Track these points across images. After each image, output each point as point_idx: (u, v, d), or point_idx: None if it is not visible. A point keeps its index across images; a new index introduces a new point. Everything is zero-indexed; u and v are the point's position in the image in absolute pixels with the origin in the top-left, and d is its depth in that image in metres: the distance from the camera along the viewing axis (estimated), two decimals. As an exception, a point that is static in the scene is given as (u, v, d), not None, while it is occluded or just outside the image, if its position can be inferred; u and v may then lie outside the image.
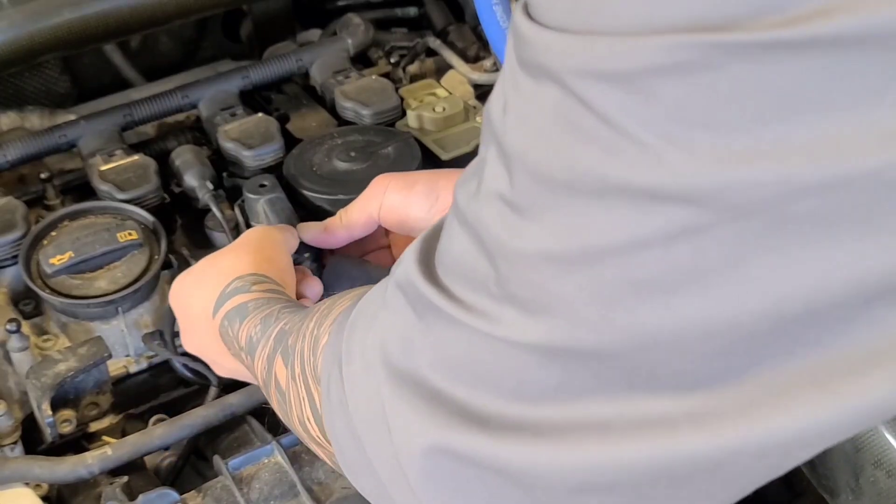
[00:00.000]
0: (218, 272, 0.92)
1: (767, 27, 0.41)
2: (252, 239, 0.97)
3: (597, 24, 0.45)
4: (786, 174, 0.43)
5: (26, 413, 1.04)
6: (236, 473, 0.98)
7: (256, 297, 0.87)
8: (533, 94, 0.49)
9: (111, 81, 1.45)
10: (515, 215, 0.50)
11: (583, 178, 0.47)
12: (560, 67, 0.47)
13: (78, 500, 1.00)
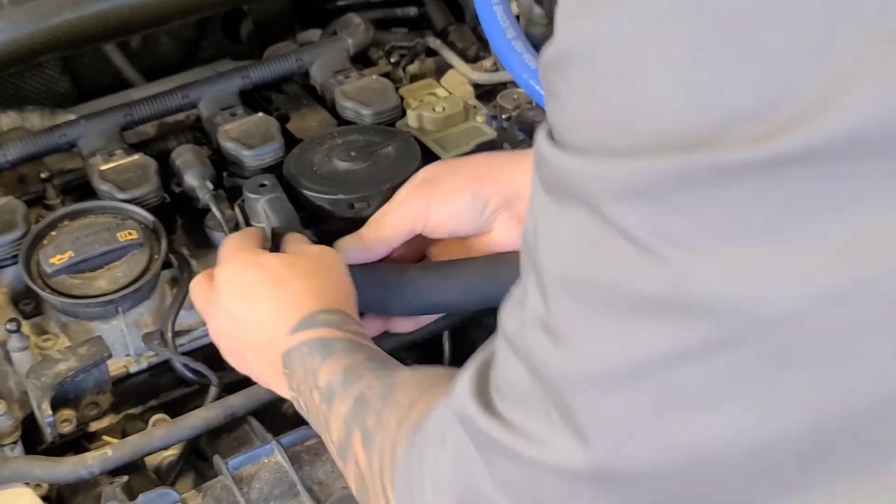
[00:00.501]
0: (298, 291, 0.92)
1: (774, 140, 0.43)
2: (323, 264, 0.96)
3: (617, 141, 0.48)
4: (811, 283, 0.44)
5: (26, 413, 1.04)
6: (236, 473, 0.98)
7: (344, 337, 0.87)
8: (562, 218, 0.51)
9: (111, 81, 1.45)
10: (559, 341, 0.53)
11: (617, 296, 0.49)
12: (584, 190, 0.49)
13: (78, 500, 1.00)
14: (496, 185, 1.01)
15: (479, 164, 1.05)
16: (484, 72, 1.35)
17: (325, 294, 0.92)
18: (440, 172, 1.04)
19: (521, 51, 1.27)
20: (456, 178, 1.03)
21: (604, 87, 0.48)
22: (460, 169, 1.04)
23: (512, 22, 1.28)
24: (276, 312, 0.91)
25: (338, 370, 0.84)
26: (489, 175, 1.02)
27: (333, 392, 0.83)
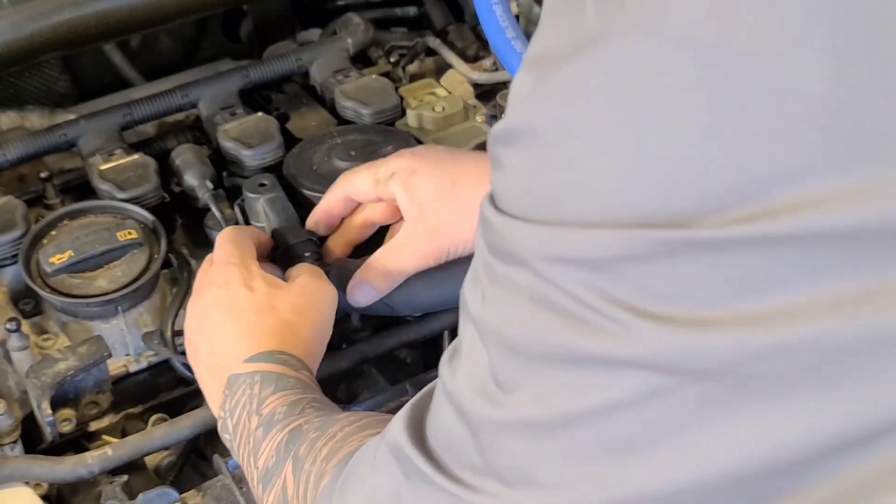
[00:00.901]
0: (272, 326, 0.93)
1: (712, 226, 0.46)
2: (312, 304, 0.96)
3: (558, 215, 0.50)
4: (741, 340, 0.47)
5: (26, 412, 1.04)
6: (236, 472, 0.98)
7: (298, 378, 0.89)
8: (506, 279, 0.53)
9: (111, 81, 1.45)
10: (494, 388, 0.54)
11: (556, 349, 0.51)
12: (528, 254, 0.51)
13: (78, 500, 1.00)
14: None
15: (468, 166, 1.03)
16: (483, 71, 1.35)
17: (295, 339, 0.93)
18: (440, 195, 1.01)
19: (521, 51, 1.27)
20: (464, 194, 1.00)
21: (548, 167, 0.50)
22: (462, 189, 1.01)
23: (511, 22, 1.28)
24: (242, 338, 0.93)
25: (283, 403, 0.86)
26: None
27: (273, 421, 0.85)
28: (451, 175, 1.00)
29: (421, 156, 1.03)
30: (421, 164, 1.01)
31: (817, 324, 0.46)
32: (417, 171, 1.01)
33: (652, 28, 0.46)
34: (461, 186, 0.99)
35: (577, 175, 0.49)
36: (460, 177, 1.00)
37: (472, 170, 1.00)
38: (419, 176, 1.00)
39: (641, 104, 0.47)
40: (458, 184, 0.99)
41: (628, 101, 0.47)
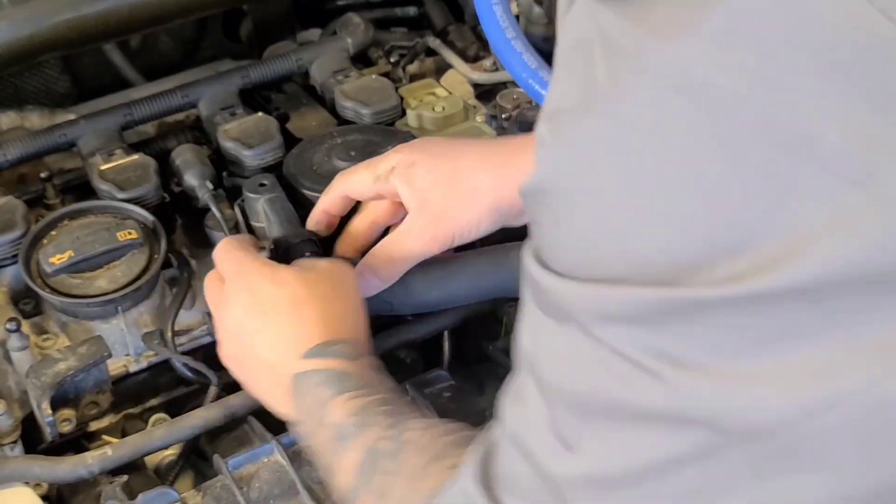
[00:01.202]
0: (315, 316, 0.92)
1: (742, 279, 0.47)
2: (340, 285, 0.96)
3: (595, 272, 0.51)
4: (792, 396, 0.48)
5: (26, 412, 1.04)
6: (236, 472, 0.98)
7: (357, 371, 0.88)
8: (557, 335, 0.55)
9: (111, 81, 1.45)
10: (559, 444, 0.56)
11: (614, 407, 0.53)
12: (574, 312, 0.53)
13: (78, 500, 1.00)
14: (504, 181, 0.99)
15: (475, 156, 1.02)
16: (483, 71, 1.35)
17: (340, 320, 0.92)
18: (437, 184, 1.01)
19: (521, 51, 1.27)
20: (467, 186, 1.00)
21: (578, 225, 0.52)
22: (464, 177, 1.01)
23: (511, 22, 1.28)
24: (290, 335, 0.91)
25: (349, 411, 0.85)
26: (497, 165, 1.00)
27: (345, 435, 0.84)
28: (451, 161, 1.00)
29: (419, 148, 1.03)
30: (420, 156, 1.01)
31: (861, 376, 0.47)
32: (417, 162, 1.00)
33: (665, 83, 0.47)
34: (462, 171, 0.99)
35: (607, 232, 0.51)
36: (461, 162, 0.99)
37: (472, 154, 1.00)
38: (419, 167, 1.00)
39: (659, 158, 0.48)
40: (460, 169, 0.99)
41: (644, 155, 0.48)
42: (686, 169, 0.47)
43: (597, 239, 0.51)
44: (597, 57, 0.50)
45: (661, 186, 0.48)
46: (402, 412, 0.85)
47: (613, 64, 0.49)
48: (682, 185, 0.48)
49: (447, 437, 0.81)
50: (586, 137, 0.50)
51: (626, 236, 0.50)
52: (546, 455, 0.58)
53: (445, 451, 0.78)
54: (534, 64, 1.26)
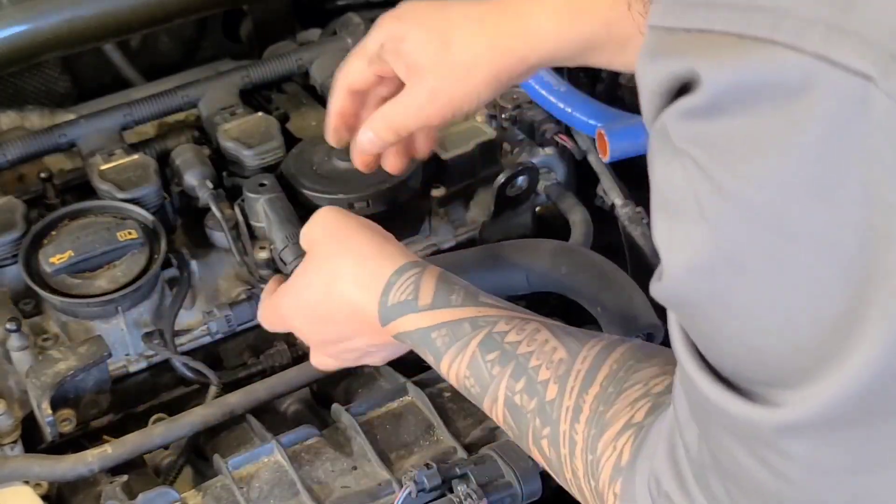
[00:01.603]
0: (369, 262, 0.90)
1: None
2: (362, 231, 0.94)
3: (752, 377, 0.55)
4: None
5: (26, 412, 1.04)
6: (236, 472, 0.98)
7: (441, 317, 0.86)
8: (726, 449, 0.58)
9: (111, 81, 1.45)
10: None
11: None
12: (745, 431, 0.56)
13: (78, 499, 1.00)
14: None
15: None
16: (484, 71, 1.35)
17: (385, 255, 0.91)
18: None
19: (521, 50, 1.27)
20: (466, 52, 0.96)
21: (722, 322, 0.55)
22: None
23: (511, 22, 1.28)
24: (366, 297, 0.89)
25: (462, 374, 0.84)
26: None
27: (473, 395, 0.84)
28: (442, 33, 0.96)
29: (405, 18, 0.99)
30: (408, 28, 0.98)
31: None
32: (406, 36, 0.97)
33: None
34: (454, 44, 0.96)
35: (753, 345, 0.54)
36: (452, 33, 0.96)
37: (461, 23, 0.97)
38: (409, 41, 0.97)
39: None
40: (451, 41, 0.96)
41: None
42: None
43: (745, 351, 0.55)
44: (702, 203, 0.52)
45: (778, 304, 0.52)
46: (508, 347, 0.82)
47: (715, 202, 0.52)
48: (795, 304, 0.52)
49: (581, 365, 0.79)
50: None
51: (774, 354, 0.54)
52: None
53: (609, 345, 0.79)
54: (534, 64, 1.26)
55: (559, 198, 1.25)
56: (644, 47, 0.54)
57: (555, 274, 1.08)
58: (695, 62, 0.50)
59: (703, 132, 0.51)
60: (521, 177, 1.21)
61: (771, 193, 0.49)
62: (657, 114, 0.54)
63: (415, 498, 0.93)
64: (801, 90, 0.47)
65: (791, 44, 0.47)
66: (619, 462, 0.72)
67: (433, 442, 1.02)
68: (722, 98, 0.50)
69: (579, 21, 0.93)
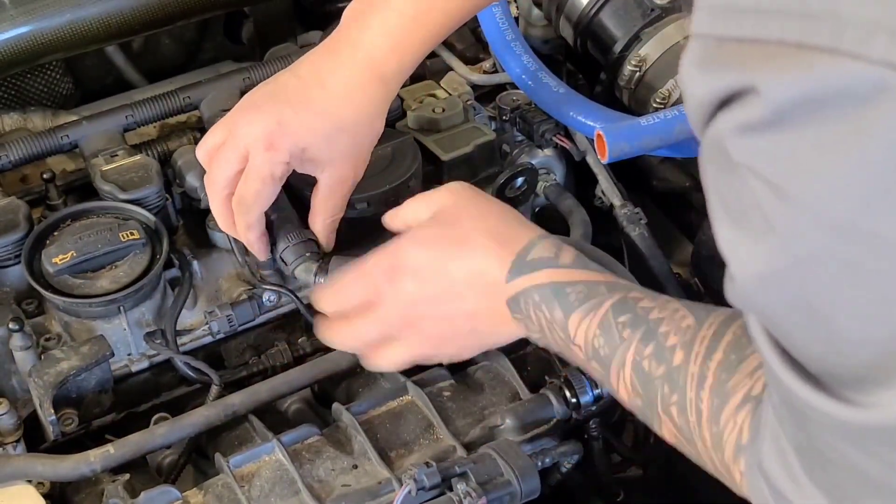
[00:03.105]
0: (508, 226, 0.91)
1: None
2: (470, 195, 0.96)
3: (836, 372, 0.56)
4: None
5: (29, 412, 1.04)
6: (237, 471, 0.99)
7: (572, 276, 0.87)
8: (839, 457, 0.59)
9: (113, 82, 1.45)
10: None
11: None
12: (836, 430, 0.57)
13: (80, 498, 1.01)
14: None
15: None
16: (483, 73, 1.36)
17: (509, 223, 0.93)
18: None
19: (520, 52, 1.27)
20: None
21: (807, 318, 0.55)
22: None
23: (511, 24, 1.29)
24: (484, 265, 0.90)
25: (591, 334, 0.84)
26: None
27: (600, 357, 0.84)
28: (332, 121, 1.01)
29: (289, 128, 1.01)
30: (300, 136, 1.00)
31: None
32: (305, 145, 1.00)
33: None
34: (346, 123, 1.02)
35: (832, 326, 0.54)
36: (339, 113, 1.01)
37: (341, 101, 1.01)
38: (311, 149, 1.01)
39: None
40: (344, 123, 1.01)
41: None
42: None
43: (825, 336, 0.55)
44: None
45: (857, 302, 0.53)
46: (640, 311, 0.83)
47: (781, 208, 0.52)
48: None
49: (707, 331, 0.79)
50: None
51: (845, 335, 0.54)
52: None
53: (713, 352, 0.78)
54: (533, 66, 1.26)
55: (558, 199, 1.26)
56: (690, 55, 0.54)
57: None
58: (752, 75, 0.50)
59: (766, 146, 0.51)
60: (520, 178, 1.21)
61: (845, 204, 0.49)
62: (707, 121, 0.54)
63: (414, 496, 0.93)
64: (870, 98, 0.47)
65: (856, 52, 0.47)
66: (741, 440, 0.72)
67: (433, 441, 1.02)
68: (785, 110, 0.49)
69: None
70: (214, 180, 1.03)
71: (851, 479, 0.59)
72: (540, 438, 1.02)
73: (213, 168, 1.03)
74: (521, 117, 1.26)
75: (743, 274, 0.56)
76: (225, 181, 1.02)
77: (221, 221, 1.05)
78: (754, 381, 0.73)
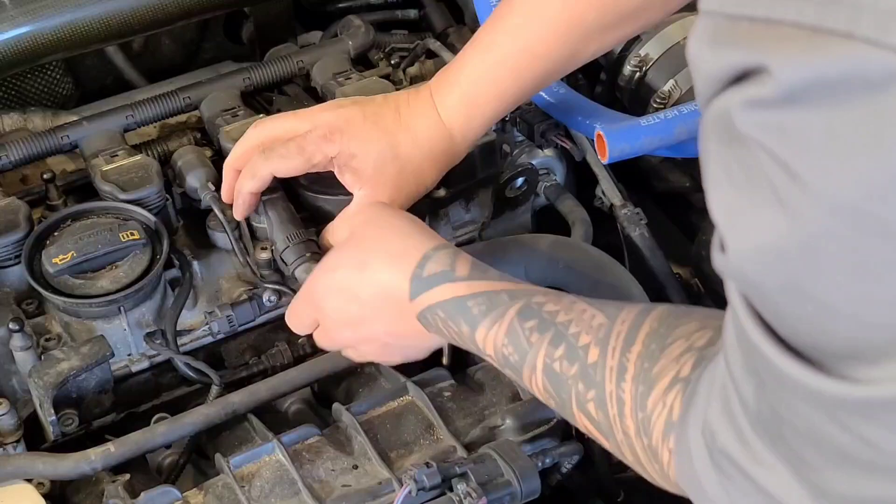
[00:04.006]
0: (405, 242, 0.93)
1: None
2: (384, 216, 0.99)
3: (819, 349, 0.56)
4: None
5: (29, 412, 1.04)
6: (238, 471, 0.99)
7: (473, 289, 0.88)
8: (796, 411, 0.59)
9: (113, 83, 1.46)
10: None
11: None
12: (813, 398, 0.57)
13: (80, 498, 1.01)
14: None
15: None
16: (483, 73, 1.36)
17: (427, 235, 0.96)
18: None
19: (521, 52, 1.27)
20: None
21: (798, 299, 0.55)
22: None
23: (511, 24, 1.29)
24: (391, 283, 0.92)
25: (499, 342, 0.86)
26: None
27: (512, 364, 0.85)
28: (391, 146, 1.05)
29: (351, 132, 1.05)
30: (357, 143, 1.04)
31: None
32: (357, 153, 1.04)
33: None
34: (404, 156, 1.05)
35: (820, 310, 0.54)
36: (400, 144, 1.05)
37: (407, 133, 1.05)
38: (360, 158, 1.04)
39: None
40: (400, 153, 1.05)
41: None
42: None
43: (810, 318, 0.55)
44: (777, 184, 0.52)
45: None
46: (546, 315, 0.84)
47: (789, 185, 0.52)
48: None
49: (621, 326, 0.80)
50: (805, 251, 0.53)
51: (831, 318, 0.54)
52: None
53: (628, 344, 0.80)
54: (533, 66, 1.26)
55: (558, 199, 1.26)
56: (700, 32, 0.54)
57: (553, 268, 1.09)
58: (765, 55, 0.49)
59: (774, 122, 0.51)
60: (520, 178, 1.21)
61: (855, 189, 0.49)
62: (713, 97, 0.53)
63: (414, 496, 0.93)
64: (885, 86, 0.47)
65: (873, 39, 0.46)
66: (671, 417, 0.73)
67: (433, 441, 1.02)
68: (797, 92, 0.49)
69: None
70: (263, 132, 1.08)
71: (818, 448, 0.60)
72: (540, 439, 1.02)
73: (269, 125, 1.08)
74: (521, 117, 1.26)
75: (739, 245, 0.56)
76: (272, 141, 1.06)
77: (241, 169, 1.09)
78: (681, 366, 0.74)
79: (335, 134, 1.04)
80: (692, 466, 0.69)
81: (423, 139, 1.05)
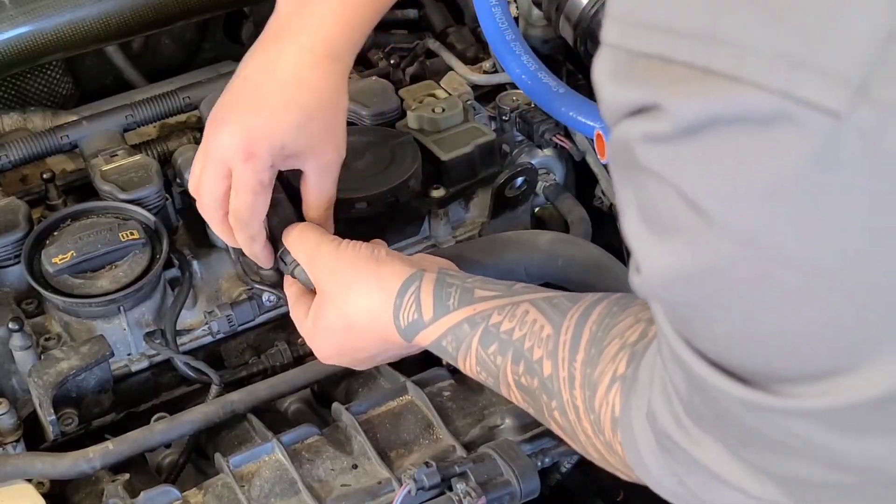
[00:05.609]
0: (379, 274, 0.94)
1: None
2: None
3: (745, 367, 0.57)
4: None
5: (29, 412, 1.04)
6: (237, 471, 0.99)
7: (443, 327, 0.91)
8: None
9: (113, 83, 1.46)
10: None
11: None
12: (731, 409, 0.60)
13: (79, 498, 1.01)
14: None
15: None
16: (483, 73, 1.36)
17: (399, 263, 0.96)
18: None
19: (520, 52, 1.27)
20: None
21: (732, 315, 0.56)
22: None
23: (511, 24, 1.29)
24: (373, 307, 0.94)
25: (475, 364, 0.89)
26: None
27: (491, 384, 0.89)
28: (302, 109, 0.99)
29: (255, 133, 0.99)
30: (271, 136, 0.99)
31: None
32: (285, 144, 0.99)
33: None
34: (309, 107, 0.99)
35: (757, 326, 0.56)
36: (300, 101, 1.00)
37: (298, 90, 1.00)
38: (289, 145, 0.99)
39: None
40: (306, 107, 0.99)
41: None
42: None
43: (740, 335, 0.57)
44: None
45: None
46: (504, 336, 0.86)
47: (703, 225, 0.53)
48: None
49: (566, 336, 0.82)
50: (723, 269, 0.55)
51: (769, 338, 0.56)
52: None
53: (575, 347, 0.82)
54: (533, 66, 1.26)
55: (558, 198, 1.26)
56: (601, 62, 0.56)
57: (552, 264, 1.09)
58: (658, 94, 0.52)
59: (672, 156, 0.53)
60: (519, 178, 1.21)
61: (747, 217, 0.51)
62: (614, 125, 0.56)
63: (414, 496, 0.93)
64: (767, 124, 0.49)
65: (756, 81, 0.48)
66: (614, 414, 0.76)
67: (432, 440, 1.02)
68: (692, 127, 0.51)
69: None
70: (206, 205, 1.01)
71: (749, 437, 0.62)
72: (540, 438, 1.02)
73: (201, 194, 1.01)
74: (520, 117, 1.26)
75: (650, 269, 0.58)
76: (216, 203, 1.00)
77: (225, 239, 1.04)
78: (617, 364, 0.77)
79: (250, 147, 0.98)
80: (638, 452, 0.72)
81: (312, 80, 0.99)
